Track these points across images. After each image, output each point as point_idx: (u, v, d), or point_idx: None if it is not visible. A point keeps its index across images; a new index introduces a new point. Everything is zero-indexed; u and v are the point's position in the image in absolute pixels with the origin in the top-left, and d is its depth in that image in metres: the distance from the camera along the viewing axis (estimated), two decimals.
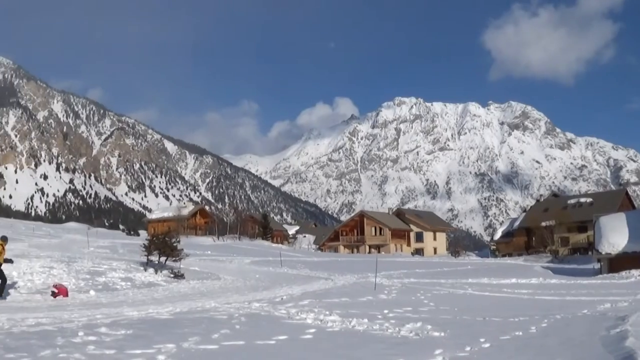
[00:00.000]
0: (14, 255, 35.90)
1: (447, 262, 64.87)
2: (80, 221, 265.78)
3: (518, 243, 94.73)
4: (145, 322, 15.54)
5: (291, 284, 32.76)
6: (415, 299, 24.55)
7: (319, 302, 21.44)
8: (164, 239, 36.58)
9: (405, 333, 14.42)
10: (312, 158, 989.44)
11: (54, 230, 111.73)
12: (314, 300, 22.47)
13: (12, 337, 12.36)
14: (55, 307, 19.95)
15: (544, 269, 53.23)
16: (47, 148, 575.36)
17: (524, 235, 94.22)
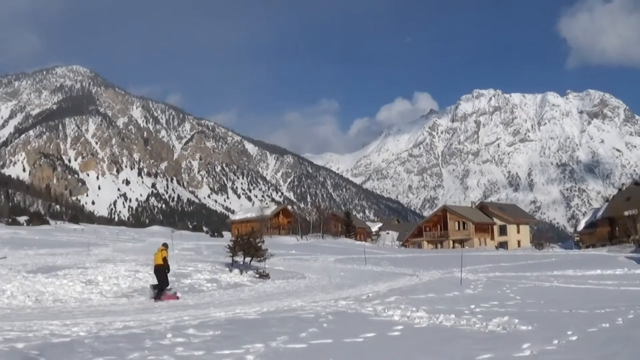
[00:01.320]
0: (99, 260, 36.83)
1: (531, 255, 63.51)
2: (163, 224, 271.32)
3: (601, 234, 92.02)
4: (233, 322, 15.60)
5: (376, 281, 32.53)
6: (501, 292, 24.12)
7: (405, 299, 21.23)
8: (248, 240, 36.74)
9: (493, 327, 14.20)
10: (392, 154, 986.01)
11: (137, 234, 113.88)
12: (400, 296, 22.25)
13: (101, 340, 12.48)
14: (143, 310, 20.22)
15: (628, 259, 51.60)
16: (128, 154, 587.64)
17: (607, 225, 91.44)
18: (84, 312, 19.51)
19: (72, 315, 18.28)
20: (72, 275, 28.18)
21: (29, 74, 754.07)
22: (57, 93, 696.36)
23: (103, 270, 30.50)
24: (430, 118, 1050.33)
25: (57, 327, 14.40)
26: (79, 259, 39.49)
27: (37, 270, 29.87)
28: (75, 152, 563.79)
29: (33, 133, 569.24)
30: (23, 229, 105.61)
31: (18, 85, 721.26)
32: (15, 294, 23.24)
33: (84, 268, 31.23)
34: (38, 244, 59.13)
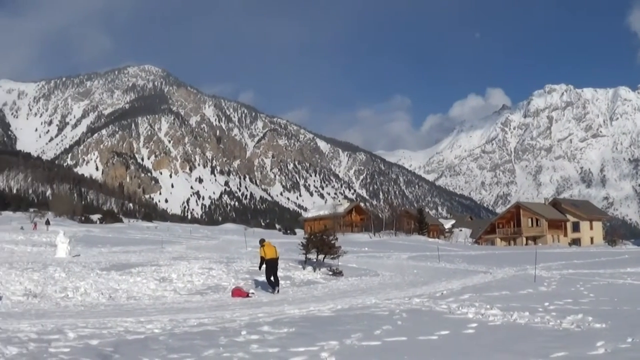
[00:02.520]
0: (173, 258, 37.22)
1: (604, 252, 62.29)
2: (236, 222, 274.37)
3: None
4: (307, 319, 15.60)
5: (450, 278, 32.22)
6: (575, 290, 23.57)
7: (479, 296, 20.93)
8: (321, 237, 36.66)
9: (567, 325, 13.89)
10: (465, 150, 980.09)
11: (211, 231, 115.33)
12: (474, 294, 21.96)
13: (175, 337, 12.55)
14: (217, 307, 20.27)
15: None
16: (201, 152, 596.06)
17: None
18: (157, 309, 19.67)
19: (146, 312, 18.45)
20: (145, 273, 28.55)
21: (100, 74, 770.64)
22: (130, 92, 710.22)
23: (177, 267, 30.88)
24: (502, 114, 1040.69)
25: (131, 324, 14.52)
26: (153, 256, 40.06)
27: (110, 267, 30.41)
28: (148, 151, 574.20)
29: (106, 132, 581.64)
30: (96, 227, 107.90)
31: (90, 85, 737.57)
32: (89, 291, 23.56)
33: (157, 265, 31.67)
34: (111, 241, 60.22)
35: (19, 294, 22.18)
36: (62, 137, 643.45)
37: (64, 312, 18.41)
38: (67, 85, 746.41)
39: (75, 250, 43.46)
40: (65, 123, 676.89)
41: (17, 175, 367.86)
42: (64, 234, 41.43)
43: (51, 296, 22.43)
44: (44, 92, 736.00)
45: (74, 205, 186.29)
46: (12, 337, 11.96)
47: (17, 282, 24.36)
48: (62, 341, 11.68)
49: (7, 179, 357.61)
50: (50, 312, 18.13)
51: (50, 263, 31.88)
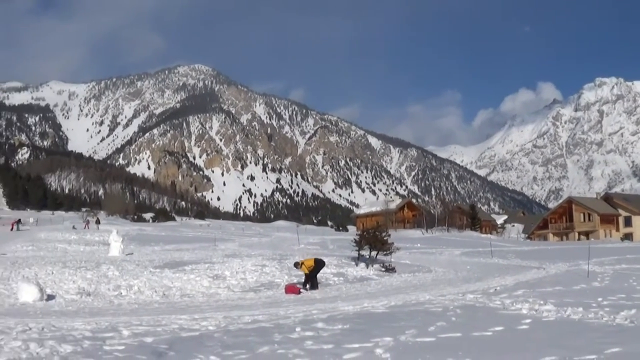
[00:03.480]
0: (226, 255, 37.37)
1: None
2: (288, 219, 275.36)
3: None
4: (361, 316, 15.54)
5: (503, 274, 31.93)
6: (628, 285, 23.23)
7: (532, 292, 20.76)
8: (374, 234, 36.63)
9: (620, 321, 13.72)
10: (516, 145, 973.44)
11: (263, 229, 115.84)
12: (527, 290, 21.76)
13: (230, 334, 12.58)
14: (271, 304, 20.30)
15: None
16: (252, 150, 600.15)
17: None
18: (211, 306, 19.74)
19: (200, 309, 18.53)
20: (199, 271, 28.66)
21: (151, 74, 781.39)
22: (180, 92, 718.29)
23: (230, 265, 31.00)
24: (553, 108, 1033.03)
25: (185, 322, 14.57)
26: (206, 254, 40.34)
27: (164, 265, 30.62)
28: (199, 150, 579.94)
29: (157, 132, 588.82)
30: (149, 226, 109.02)
31: (141, 85, 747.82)
32: (143, 289, 23.76)
33: (210, 263, 31.81)
34: (164, 240, 60.74)
35: (73, 293, 22.43)
36: (113, 137, 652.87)
37: (117, 310, 18.57)
38: (117, 86, 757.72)
39: (128, 248, 43.91)
40: (116, 123, 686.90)
41: (69, 175, 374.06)
42: (117, 232, 41.86)
43: (105, 294, 22.67)
44: (95, 92, 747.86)
45: (126, 204, 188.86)
46: (67, 335, 12.05)
47: (71, 281, 24.66)
48: (117, 339, 11.76)
49: (59, 179, 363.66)
50: (104, 310, 18.29)
51: (103, 262, 32.24)
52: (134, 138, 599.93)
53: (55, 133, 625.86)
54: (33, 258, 35.42)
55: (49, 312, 17.29)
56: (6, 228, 78.87)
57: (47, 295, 20.97)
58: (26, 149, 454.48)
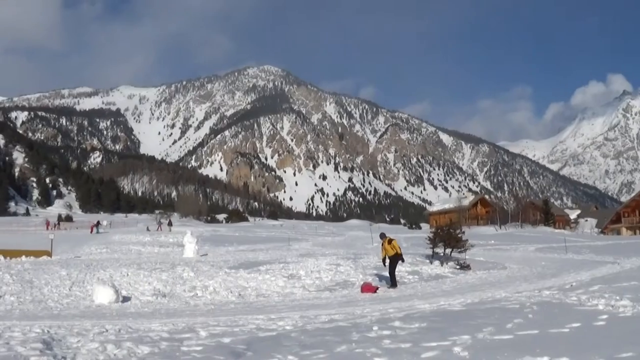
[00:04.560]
0: (300, 255, 37.42)
1: None
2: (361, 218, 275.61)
3: None
4: (438, 314, 15.43)
5: (578, 269, 31.57)
6: None
7: (608, 287, 20.25)
8: (448, 231, 36.45)
9: None
10: (587, 139, 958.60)
11: (336, 228, 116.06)
12: (603, 285, 21.25)
13: (307, 334, 12.52)
14: (347, 303, 20.19)
15: None
16: (323, 149, 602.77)
17: None
18: (287, 306, 19.73)
19: (277, 309, 18.54)
20: (274, 270, 28.75)
21: (221, 76, 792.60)
22: (250, 93, 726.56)
23: (304, 264, 31.06)
24: (623, 100, 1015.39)
25: (262, 322, 14.58)
26: (280, 254, 40.52)
27: (238, 266, 30.78)
28: (271, 150, 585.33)
29: (228, 133, 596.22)
30: (222, 227, 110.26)
31: (211, 87, 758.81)
32: (218, 289, 23.86)
33: (285, 263, 31.91)
34: (238, 240, 61.29)
35: (148, 294, 22.63)
36: (185, 140, 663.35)
37: (194, 311, 18.65)
38: (187, 89, 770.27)
39: (203, 249, 44.37)
40: (187, 126, 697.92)
41: (141, 178, 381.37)
42: (192, 233, 42.29)
43: (180, 295, 22.83)
44: (165, 96, 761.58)
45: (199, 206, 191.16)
46: (144, 336, 12.11)
47: (146, 283, 24.93)
48: (194, 340, 11.79)
49: (132, 182, 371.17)
50: (180, 311, 18.39)
51: (178, 263, 32.63)
52: (205, 140, 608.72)
53: (127, 137, 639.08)
54: (107, 260, 36.03)
55: (125, 314, 17.47)
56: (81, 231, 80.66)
57: (123, 297, 21.19)
58: (98, 153, 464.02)
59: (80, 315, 17.16)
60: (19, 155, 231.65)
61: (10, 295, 21.29)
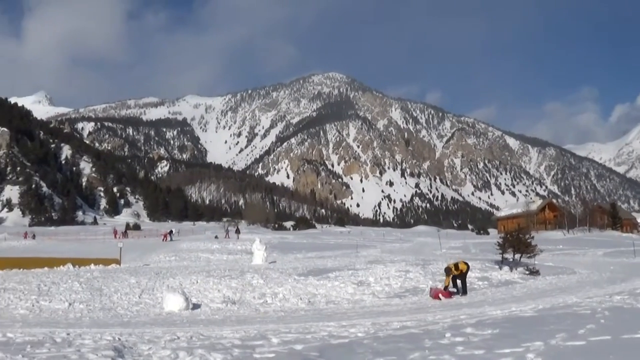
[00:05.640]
0: (369, 262, 37.30)
1: None
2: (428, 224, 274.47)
3: None
4: (510, 320, 15.42)
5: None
6: None
7: None
8: (517, 236, 36.09)
9: None
10: None
11: (403, 234, 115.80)
12: None
13: (380, 341, 12.48)
14: (417, 309, 20.13)
15: None
16: (390, 155, 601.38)
17: None
18: (358, 313, 19.71)
19: (347, 316, 18.54)
20: (343, 277, 28.76)
21: (286, 84, 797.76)
22: (316, 100, 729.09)
23: (373, 271, 30.99)
24: None
25: (334, 329, 14.63)
26: (349, 261, 40.47)
27: (308, 273, 30.84)
28: (337, 157, 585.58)
29: (295, 141, 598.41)
30: (290, 234, 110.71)
31: (276, 95, 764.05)
32: (288, 296, 23.92)
33: (354, 270, 31.88)
34: (306, 247, 61.47)
35: (218, 301, 22.78)
36: (251, 148, 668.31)
37: (264, 318, 18.73)
38: (253, 97, 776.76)
39: (271, 256, 44.60)
40: (254, 134, 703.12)
41: (209, 187, 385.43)
42: (260, 241, 42.49)
43: (250, 302, 22.95)
44: (231, 105, 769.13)
45: (267, 213, 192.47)
46: (216, 343, 12.20)
47: (216, 290, 25.12)
48: (267, 347, 11.85)
49: (199, 190, 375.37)
50: (251, 318, 18.49)
51: (247, 270, 32.81)
52: (272, 148, 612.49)
53: (194, 146, 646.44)
54: (176, 268, 36.53)
55: (195, 321, 17.61)
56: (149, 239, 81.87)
57: (193, 304, 21.37)
58: (165, 162, 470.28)
59: (150, 322, 17.39)
60: (86, 165, 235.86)
61: (80, 303, 21.66)
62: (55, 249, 62.74)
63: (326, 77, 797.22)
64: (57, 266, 35.79)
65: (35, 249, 62.21)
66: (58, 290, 24.51)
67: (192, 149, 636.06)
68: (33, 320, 17.56)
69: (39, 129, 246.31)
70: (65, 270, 33.99)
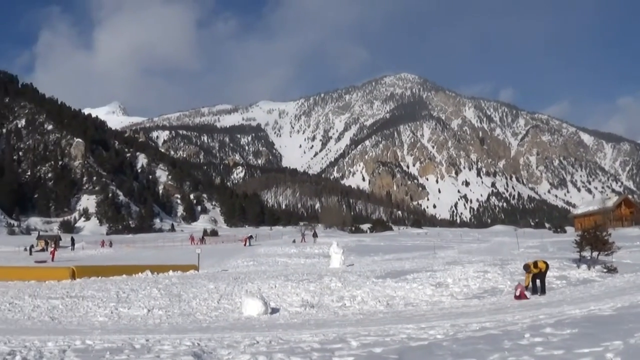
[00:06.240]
0: (446, 263, 37.09)
1: None
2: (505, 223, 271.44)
3: None
4: (589, 319, 15.19)
5: None
6: None
7: None
8: (595, 233, 35.46)
9: None
10: None
11: (481, 234, 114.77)
12: None
13: (459, 342, 12.44)
14: (496, 310, 20.00)
15: None
16: (465, 155, 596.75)
17: None
18: (436, 314, 19.65)
19: (426, 318, 18.49)
20: (421, 279, 28.63)
21: (358, 86, 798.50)
22: (389, 102, 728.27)
23: (451, 272, 30.76)
24: None
25: (413, 331, 14.60)
26: (426, 262, 40.28)
27: (385, 275, 30.77)
28: (412, 158, 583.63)
29: (369, 143, 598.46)
30: (367, 236, 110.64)
31: (349, 98, 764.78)
32: (366, 299, 23.94)
33: (432, 271, 31.68)
34: (383, 249, 61.33)
35: (296, 305, 22.91)
36: (326, 151, 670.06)
37: (343, 321, 18.76)
38: (326, 101, 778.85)
39: (349, 259, 44.59)
40: (328, 137, 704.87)
41: (284, 191, 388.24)
42: (337, 244, 42.54)
43: (328, 306, 23.02)
44: (304, 109, 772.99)
45: (343, 216, 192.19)
46: (295, 347, 12.29)
47: (294, 294, 25.25)
48: (346, 350, 11.89)
49: (275, 195, 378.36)
50: (330, 322, 18.54)
51: (325, 273, 32.84)
52: (346, 151, 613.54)
53: (269, 151, 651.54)
54: (254, 273, 36.69)
55: (274, 325, 17.75)
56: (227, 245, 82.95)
57: (271, 309, 21.52)
58: (241, 168, 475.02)
59: (229, 327, 17.57)
60: (162, 173, 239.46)
61: (159, 310, 22.00)
62: (133, 256, 64.05)
63: (398, 78, 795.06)
64: (135, 273, 36.19)
65: (113, 256, 63.56)
66: (137, 297, 24.97)
67: (267, 154, 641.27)
68: (112, 327, 17.94)
69: (114, 139, 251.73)
70: (143, 277, 34.41)
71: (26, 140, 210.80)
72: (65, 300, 23.72)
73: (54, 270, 38.60)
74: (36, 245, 79.93)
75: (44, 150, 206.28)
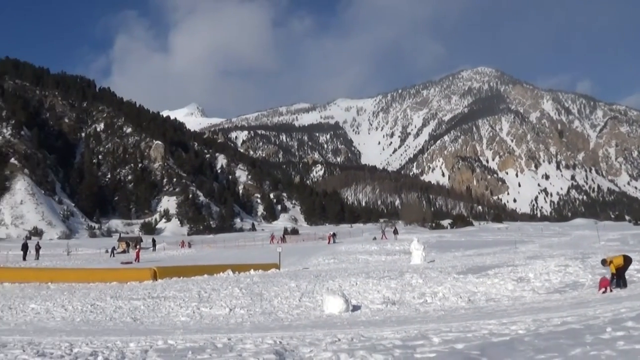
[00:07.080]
0: (527, 257, 36.72)
1: None
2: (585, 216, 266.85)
3: None
4: None
5: None
6: None
7: None
8: None
9: None
10: None
11: (561, 228, 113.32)
12: None
13: (541, 337, 12.36)
14: (577, 304, 19.67)
15: None
16: (544, 148, 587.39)
17: None
18: (518, 309, 19.45)
19: (507, 313, 18.33)
20: (502, 274, 28.42)
21: (435, 81, 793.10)
22: (467, 96, 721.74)
23: (533, 267, 30.49)
24: None
25: (494, 326, 14.52)
26: (508, 257, 40.01)
27: (466, 271, 30.67)
28: (492, 152, 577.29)
29: (448, 138, 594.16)
30: (447, 232, 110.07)
31: (427, 94, 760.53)
32: (447, 295, 23.82)
33: (513, 266, 31.49)
34: (464, 245, 61.01)
35: (378, 302, 22.91)
36: (405, 148, 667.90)
37: (424, 317, 18.74)
38: (404, 97, 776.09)
39: (430, 256, 44.51)
40: (406, 133, 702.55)
41: (364, 189, 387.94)
42: (418, 240, 42.50)
43: (410, 302, 22.95)
44: (382, 106, 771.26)
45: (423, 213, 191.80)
46: (377, 344, 12.34)
47: (375, 291, 25.27)
48: (427, 346, 11.90)
49: (355, 192, 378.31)
50: (411, 318, 18.52)
51: (406, 270, 32.86)
52: (425, 147, 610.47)
53: (347, 148, 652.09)
54: (335, 270, 36.78)
55: (355, 323, 17.80)
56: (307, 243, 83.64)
57: (353, 306, 21.52)
58: (320, 166, 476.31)
59: (311, 325, 17.66)
60: (242, 173, 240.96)
61: (241, 309, 22.19)
62: (214, 256, 64.80)
63: (475, 72, 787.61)
64: (216, 273, 36.41)
65: (194, 257, 64.44)
66: (218, 296, 25.23)
67: (346, 151, 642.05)
68: (194, 326, 18.17)
69: (193, 140, 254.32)
70: (225, 277, 34.69)
71: (105, 143, 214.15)
72: (147, 301, 24.15)
73: (136, 271, 39.13)
74: (117, 247, 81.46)
75: (123, 153, 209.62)
